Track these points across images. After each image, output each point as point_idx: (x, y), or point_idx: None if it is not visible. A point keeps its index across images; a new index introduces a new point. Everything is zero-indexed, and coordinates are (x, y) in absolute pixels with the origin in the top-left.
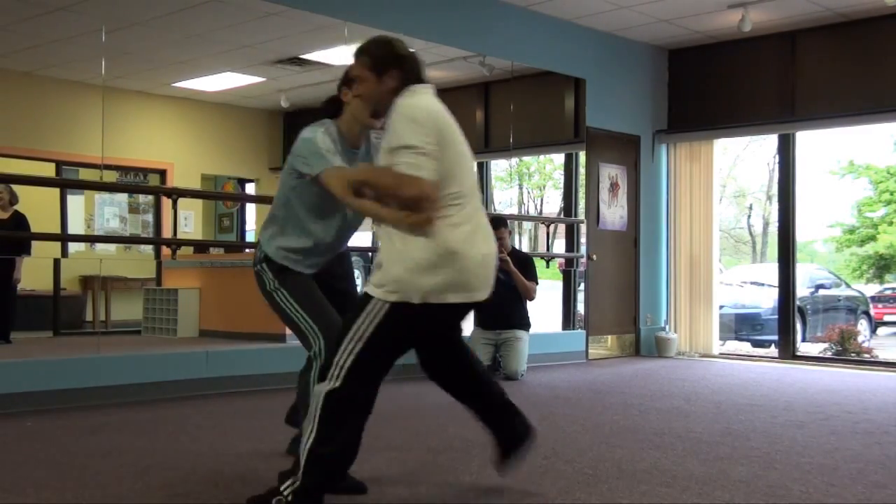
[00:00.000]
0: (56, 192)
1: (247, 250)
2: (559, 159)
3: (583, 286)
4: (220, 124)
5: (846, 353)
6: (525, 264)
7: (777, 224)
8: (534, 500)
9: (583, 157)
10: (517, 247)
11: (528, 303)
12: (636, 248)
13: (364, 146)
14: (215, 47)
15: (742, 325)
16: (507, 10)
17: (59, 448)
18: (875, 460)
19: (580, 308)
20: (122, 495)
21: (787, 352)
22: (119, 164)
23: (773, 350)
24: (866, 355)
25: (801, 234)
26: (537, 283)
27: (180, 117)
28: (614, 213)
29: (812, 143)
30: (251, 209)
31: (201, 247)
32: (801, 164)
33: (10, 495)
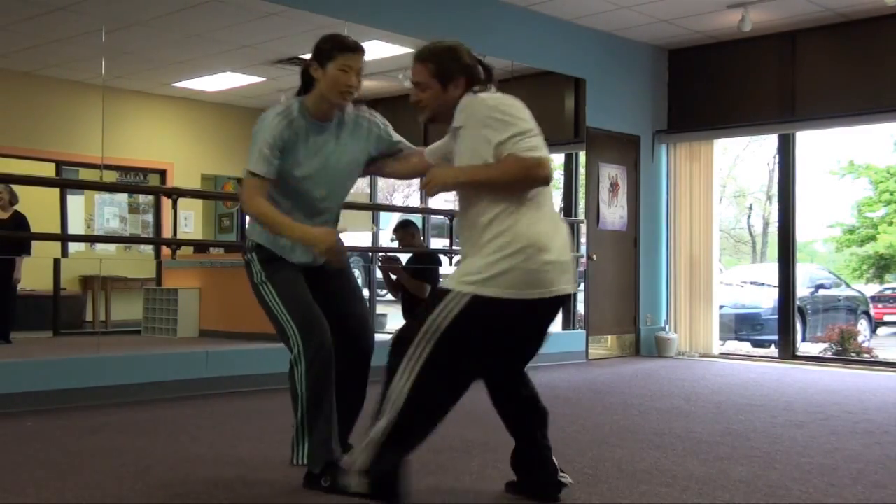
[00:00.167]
0: (56, 192)
1: None
2: (559, 159)
3: (583, 286)
4: (220, 124)
5: (846, 353)
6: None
7: (777, 224)
8: (534, 499)
9: (583, 157)
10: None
11: None
12: (636, 248)
13: (339, 124)
14: (215, 47)
15: (742, 325)
16: (507, 10)
17: (59, 448)
18: (875, 460)
19: (580, 308)
20: (122, 495)
21: (787, 352)
22: (119, 164)
23: (773, 350)
24: (866, 355)
25: (801, 234)
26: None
27: (180, 117)
28: (614, 213)
29: (812, 143)
30: None
31: (201, 247)
32: (801, 164)
33: (10, 495)
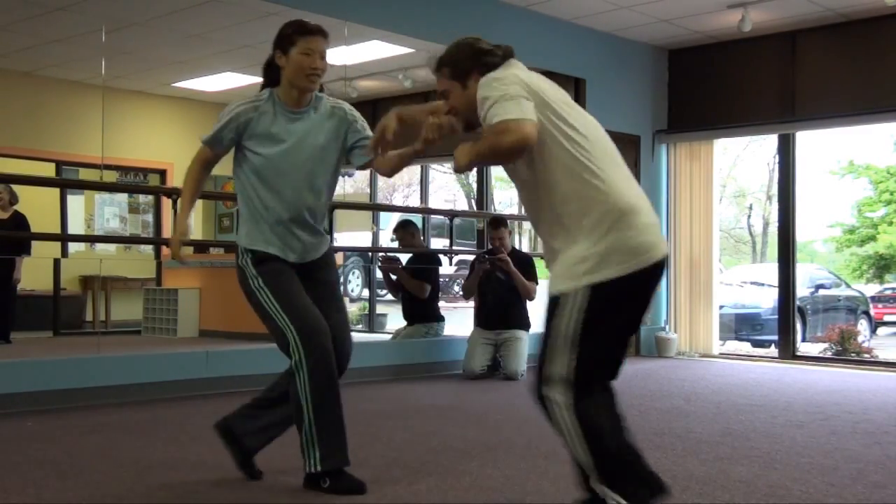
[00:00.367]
0: (56, 192)
1: None
2: None
3: None
4: None
5: (846, 353)
6: (525, 264)
7: (777, 224)
8: (534, 499)
9: None
10: (517, 247)
11: (528, 303)
12: None
13: (314, 113)
14: (215, 47)
15: (742, 325)
16: (506, 9)
17: (59, 448)
18: (875, 460)
19: None
20: (122, 495)
21: (787, 352)
22: (119, 164)
23: (773, 350)
24: (866, 355)
25: (801, 234)
26: (537, 284)
27: (180, 117)
28: None
29: (812, 143)
30: None
31: (201, 247)
32: (801, 164)
33: (10, 495)
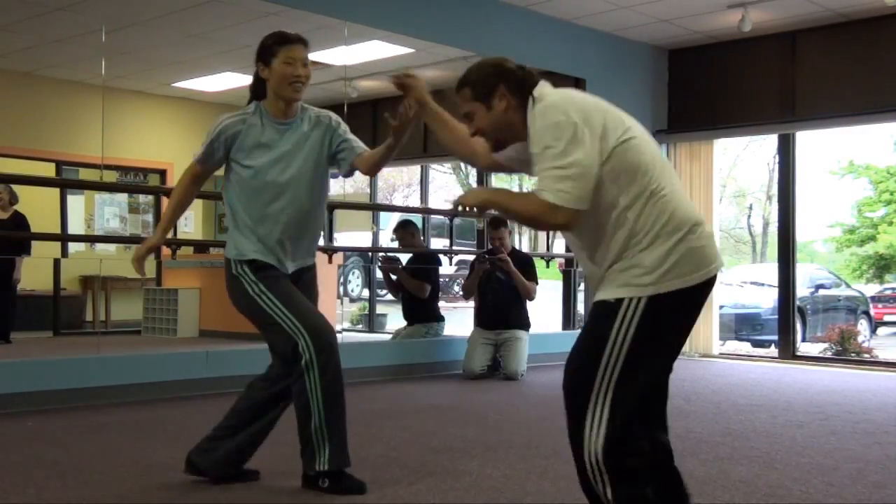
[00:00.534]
0: (56, 192)
1: None
2: None
3: (583, 286)
4: None
5: (846, 353)
6: (525, 264)
7: (777, 224)
8: (534, 499)
9: None
10: (517, 247)
11: (527, 303)
12: None
13: (301, 124)
14: (215, 47)
15: (742, 325)
16: (507, 10)
17: (59, 448)
18: (875, 460)
19: (580, 308)
20: (122, 495)
21: (787, 352)
22: (119, 164)
23: (773, 350)
24: (866, 355)
25: (801, 234)
26: (537, 284)
27: (180, 117)
28: None
29: (812, 143)
30: None
31: (201, 247)
32: (801, 164)
33: (10, 495)
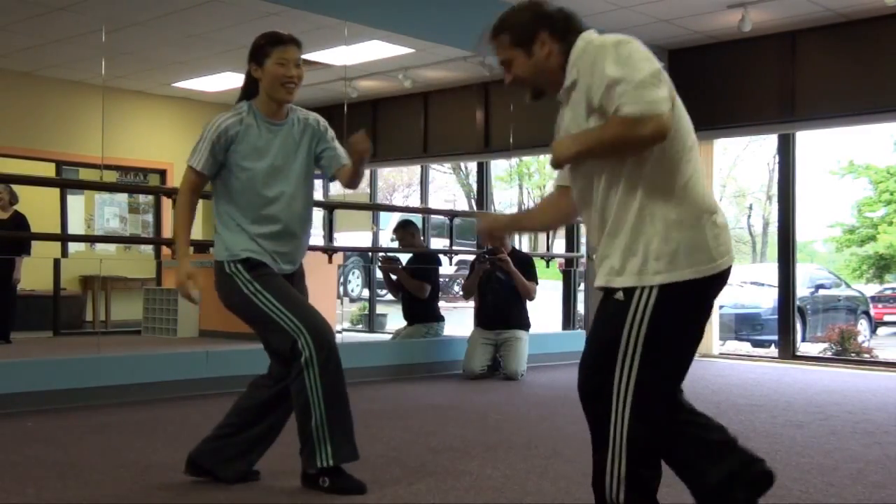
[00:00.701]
0: (56, 192)
1: None
2: None
3: (583, 286)
4: None
5: (846, 353)
6: (525, 264)
7: (777, 224)
8: (534, 499)
9: None
10: (517, 247)
11: (527, 303)
12: None
13: (293, 126)
14: (215, 47)
15: (742, 325)
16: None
17: (59, 448)
18: (875, 460)
19: (580, 308)
20: (122, 495)
21: (787, 352)
22: (119, 164)
23: (773, 350)
24: (866, 355)
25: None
26: (537, 284)
27: (180, 117)
28: None
29: (812, 143)
30: None
31: (201, 247)
32: (801, 164)
33: (10, 495)
